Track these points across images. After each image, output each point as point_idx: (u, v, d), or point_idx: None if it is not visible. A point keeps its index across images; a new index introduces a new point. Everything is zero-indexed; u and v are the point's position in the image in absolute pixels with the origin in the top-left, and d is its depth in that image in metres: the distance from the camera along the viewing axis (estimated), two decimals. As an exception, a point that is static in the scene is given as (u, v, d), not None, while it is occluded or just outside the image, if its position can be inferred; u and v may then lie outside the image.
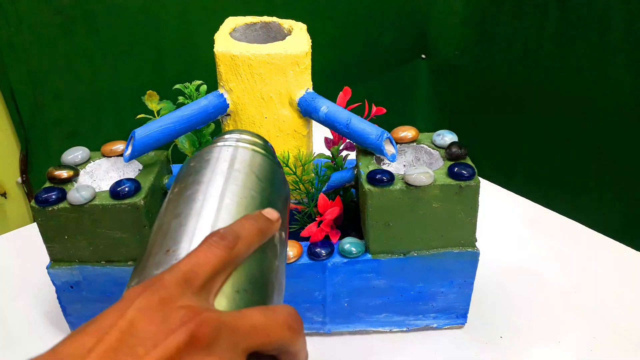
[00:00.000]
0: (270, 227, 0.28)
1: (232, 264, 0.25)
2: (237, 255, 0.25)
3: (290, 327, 0.24)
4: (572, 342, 0.53)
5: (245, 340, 0.22)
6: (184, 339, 0.20)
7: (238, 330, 0.22)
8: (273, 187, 0.32)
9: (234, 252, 0.24)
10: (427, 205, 0.47)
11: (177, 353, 0.19)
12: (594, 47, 1.09)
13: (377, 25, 1.34)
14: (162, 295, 0.22)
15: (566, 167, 1.23)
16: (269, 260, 0.28)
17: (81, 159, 0.52)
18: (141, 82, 1.00)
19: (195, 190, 0.29)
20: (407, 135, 0.52)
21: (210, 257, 0.24)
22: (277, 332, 0.23)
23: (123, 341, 0.19)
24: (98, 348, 0.19)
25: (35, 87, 0.90)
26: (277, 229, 0.29)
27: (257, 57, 0.48)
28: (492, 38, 1.29)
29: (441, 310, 0.53)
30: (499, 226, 0.70)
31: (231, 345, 0.21)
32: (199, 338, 0.20)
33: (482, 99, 1.37)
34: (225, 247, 0.24)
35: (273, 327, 0.23)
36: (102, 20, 0.93)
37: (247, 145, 0.33)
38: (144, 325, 0.20)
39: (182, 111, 0.48)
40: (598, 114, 1.13)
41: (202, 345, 0.20)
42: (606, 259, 0.64)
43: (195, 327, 0.20)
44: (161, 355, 0.19)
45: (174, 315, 0.21)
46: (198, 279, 0.23)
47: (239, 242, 0.25)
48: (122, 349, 0.19)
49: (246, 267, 0.26)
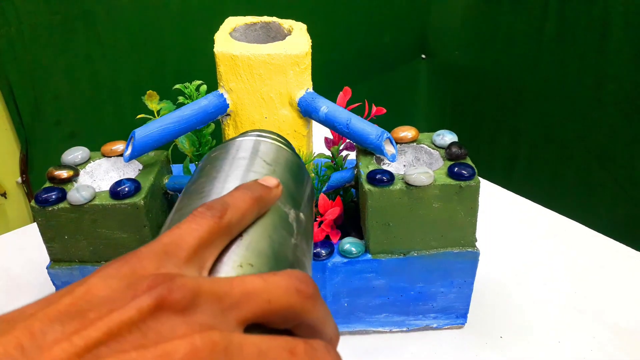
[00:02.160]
0: (268, 193, 0.25)
1: (225, 235, 0.22)
2: (228, 224, 0.22)
3: (298, 290, 0.20)
4: (572, 342, 0.53)
5: (237, 308, 0.19)
6: (149, 303, 0.17)
7: (226, 296, 0.19)
8: (300, 183, 0.30)
9: (224, 221, 0.22)
10: (427, 205, 0.47)
11: (139, 318, 0.17)
12: (593, 47, 1.09)
13: (377, 25, 1.34)
14: (133, 265, 0.19)
15: (566, 167, 1.23)
16: (280, 235, 0.25)
17: (81, 159, 0.52)
18: (141, 82, 1.00)
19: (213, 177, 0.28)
20: (407, 135, 0.52)
21: (195, 227, 0.21)
22: (281, 298, 0.20)
23: (74, 305, 0.17)
24: (44, 311, 0.17)
25: (35, 87, 0.90)
26: (277, 196, 0.26)
27: (257, 57, 0.48)
28: (492, 38, 1.29)
29: (441, 310, 0.53)
30: (499, 226, 0.70)
31: (217, 313, 0.18)
32: (170, 303, 0.17)
33: (482, 98, 1.38)
34: (212, 216, 0.22)
35: (274, 291, 0.20)
36: (102, 20, 0.93)
37: (269, 139, 0.32)
38: (102, 292, 0.18)
39: (182, 111, 0.48)
40: (598, 114, 1.13)
41: (174, 310, 0.17)
42: (606, 259, 0.64)
43: (165, 291, 0.18)
44: (119, 320, 0.17)
45: (141, 282, 0.18)
46: (181, 250, 0.20)
47: (229, 210, 0.22)
48: (70, 312, 0.17)
49: (250, 240, 0.23)
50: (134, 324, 0.17)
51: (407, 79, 1.50)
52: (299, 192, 0.30)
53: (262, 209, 0.25)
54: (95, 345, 0.16)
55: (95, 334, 0.16)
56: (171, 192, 0.51)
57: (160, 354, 0.16)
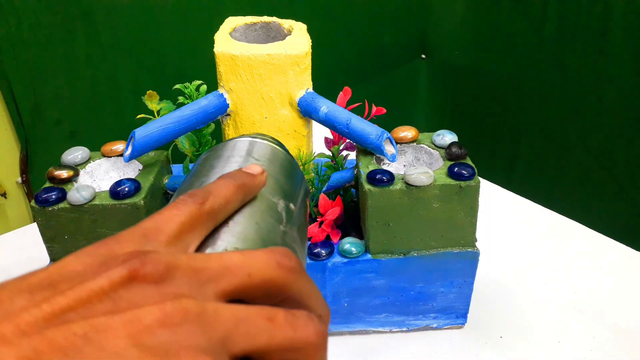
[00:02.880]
0: (252, 180, 0.25)
1: (208, 221, 0.22)
2: (210, 210, 0.22)
3: (280, 264, 0.20)
4: (572, 342, 0.53)
5: (215, 281, 0.19)
6: (122, 274, 0.17)
7: (203, 270, 0.19)
8: (292, 179, 0.30)
9: (205, 207, 0.22)
10: (427, 205, 0.47)
11: (111, 288, 0.17)
12: (593, 48, 1.09)
13: (377, 25, 1.34)
14: (111, 246, 0.19)
15: (566, 167, 1.23)
16: (267, 222, 0.25)
17: (81, 159, 0.52)
18: (141, 82, 1.00)
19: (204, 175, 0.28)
20: (407, 135, 0.52)
21: (176, 212, 0.21)
22: (261, 271, 0.19)
23: (45, 279, 0.17)
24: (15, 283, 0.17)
25: (35, 87, 0.90)
26: (262, 182, 0.26)
27: (257, 57, 0.48)
28: (492, 38, 1.29)
29: (441, 310, 0.53)
30: (499, 226, 0.70)
31: (194, 286, 0.18)
32: (143, 275, 0.17)
33: (482, 99, 1.37)
34: (193, 202, 0.21)
35: (254, 265, 0.19)
36: (102, 20, 0.93)
37: (264, 140, 0.32)
38: (76, 267, 0.18)
39: (182, 111, 0.48)
40: (598, 114, 1.13)
41: (147, 281, 0.17)
42: (606, 259, 0.64)
43: (138, 264, 0.17)
44: (89, 289, 0.16)
45: (115, 258, 0.18)
46: (161, 234, 0.20)
47: (210, 196, 0.22)
48: (41, 284, 0.17)
49: (235, 226, 0.23)
50: (104, 293, 0.17)
51: (407, 79, 1.50)
52: (290, 186, 0.30)
53: (247, 195, 0.25)
54: (63, 312, 0.16)
55: (65, 301, 0.16)
56: (171, 192, 0.51)
57: (130, 319, 0.16)
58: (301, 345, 0.19)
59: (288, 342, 0.18)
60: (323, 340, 0.19)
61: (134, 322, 0.16)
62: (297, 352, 0.19)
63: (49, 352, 0.15)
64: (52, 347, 0.15)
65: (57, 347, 0.15)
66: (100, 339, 0.15)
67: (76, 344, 0.15)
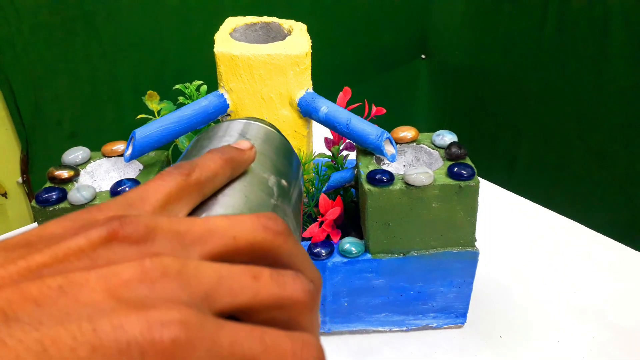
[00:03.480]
0: (240, 154, 0.25)
1: (195, 192, 0.22)
2: (197, 181, 0.21)
3: (266, 227, 0.19)
4: (572, 342, 0.53)
5: (199, 244, 0.18)
6: (101, 235, 0.17)
7: (187, 233, 0.18)
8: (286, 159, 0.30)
9: (192, 178, 0.21)
10: (426, 205, 0.47)
11: (89, 247, 0.16)
12: (594, 48, 1.09)
13: (377, 25, 1.34)
14: (92, 212, 0.18)
15: (566, 166, 1.23)
16: (256, 195, 0.25)
17: (81, 159, 0.52)
18: (141, 82, 1.00)
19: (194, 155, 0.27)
20: (407, 135, 0.52)
21: (161, 183, 0.20)
22: (247, 234, 0.19)
23: (23, 239, 0.17)
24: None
25: (35, 87, 0.91)
26: (250, 157, 0.25)
27: (257, 58, 0.48)
28: (492, 38, 1.29)
29: (441, 310, 0.53)
30: (499, 226, 0.70)
31: (176, 247, 0.18)
32: (122, 235, 0.17)
33: (482, 99, 1.38)
34: (179, 174, 0.21)
35: (239, 228, 0.19)
36: (102, 20, 0.93)
37: (258, 123, 0.31)
38: (55, 229, 0.17)
39: (183, 111, 0.48)
40: (598, 114, 1.13)
41: (127, 241, 0.17)
42: (606, 259, 0.64)
43: (117, 225, 0.17)
44: (66, 247, 0.16)
45: (95, 222, 0.17)
46: (146, 204, 0.20)
47: (197, 168, 0.22)
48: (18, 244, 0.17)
49: (224, 199, 0.23)
50: (82, 252, 0.16)
51: (407, 79, 1.50)
52: (284, 165, 0.29)
53: (236, 170, 0.24)
54: (39, 267, 0.16)
55: (40, 258, 0.16)
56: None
57: (106, 274, 0.16)
58: (288, 303, 0.18)
59: (274, 300, 0.18)
60: (311, 300, 0.19)
61: (111, 277, 0.16)
62: (284, 310, 0.18)
63: (21, 303, 0.14)
64: (25, 298, 0.14)
65: (31, 298, 0.14)
66: (75, 292, 0.15)
67: (50, 295, 0.15)
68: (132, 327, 0.14)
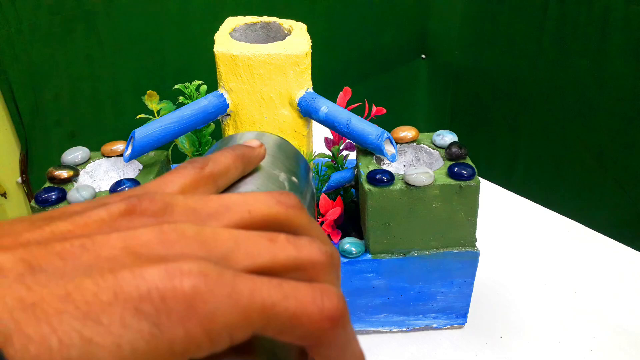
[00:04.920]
0: (250, 152, 0.25)
1: (208, 183, 0.22)
2: (210, 174, 0.22)
3: (279, 201, 0.20)
4: (572, 342, 0.53)
5: (215, 218, 0.19)
6: (119, 208, 0.18)
7: (202, 208, 0.19)
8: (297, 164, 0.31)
9: (205, 171, 0.22)
10: (427, 205, 0.47)
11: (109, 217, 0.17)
12: (594, 47, 1.09)
13: (377, 25, 1.34)
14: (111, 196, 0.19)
15: (566, 167, 1.23)
16: (268, 187, 0.26)
17: (81, 159, 0.52)
18: (141, 82, 1.00)
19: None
20: (407, 135, 0.52)
21: (176, 175, 0.21)
22: (261, 208, 0.19)
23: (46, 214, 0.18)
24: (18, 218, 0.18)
25: (35, 87, 0.90)
26: (261, 154, 0.26)
27: (257, 57, 0.48)
28: (492, 38, 1.29)
29: (441, 310, 0.53)
30: (499, 226, 0.70)
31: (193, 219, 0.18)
32: (141, 210, 0.18)
33: (482, 99, 1.38)
34: (193, 167, 0.22)
35: (253, 203, 0.19)
36: (102, 20, 0.93)
37: (271, 135, 0.32)
38: (76, 207, 0.18)
39: (182, 111, 0.48)
40: (598, 114, 1.13)
41: (145, 214, 0.18)
42: (606, 259, 0.64)
43: (136, 200, 0.18)
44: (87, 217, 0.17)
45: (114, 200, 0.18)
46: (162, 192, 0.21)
47: (210, 162, 0.23)
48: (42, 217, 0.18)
49: (236, 190, 0.24)
50: (103, 221, 0.17)
51: (407, 79, 1.50)
52: (293, 165, 0.30)
53: (247, 165, 0.25)
54: (62, 233, 0.16)
55: (64, 226, 0.17)
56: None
57: (125, 236, 0.16)
58: (306, 264, 0.18)
59: (292, 261, 0.18)
60: (330, 259, 0.19)
61: (131, 238, 0.16)
62: (304, 272, 0.18)
63: (46, 256, 0.15)
64: (49, 253, 0.15)
65: (55, 253, 0.15)
66: (97, 249, 0.16)
67: (73, 252, 0.15)
68: (152, 276, 0.15)
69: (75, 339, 0.13)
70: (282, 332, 0.17)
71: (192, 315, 0.15)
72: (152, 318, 0.15)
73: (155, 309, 0.15)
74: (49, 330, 0.13)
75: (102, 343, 0.14)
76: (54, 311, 0.14)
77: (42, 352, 0.13)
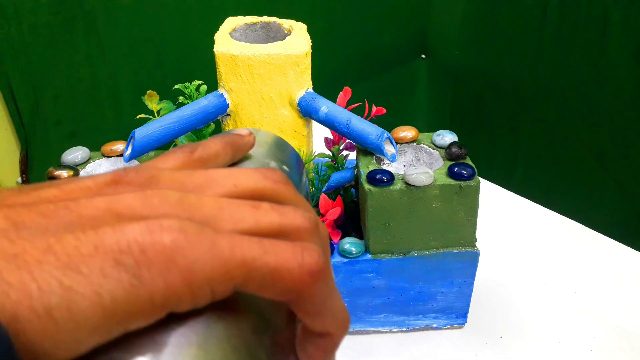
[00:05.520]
0: (240, 139, 0.26)
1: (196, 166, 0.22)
2: (199, 158, 0.23)
3: (266, 176, 0.20)
4: (572, 342, 0.53)
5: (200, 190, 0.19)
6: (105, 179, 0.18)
7: (188, 181, 0.19)
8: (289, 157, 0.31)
9: (195, 155, 0.22)
10: (427, 205, 0.47)
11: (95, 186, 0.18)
12: (594, 47, 1.09)
13: (377, 25, 1.34)
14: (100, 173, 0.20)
15: (566, 167, 1.23)
16: None
17: (81, 159, 0.52)
18: (141, 82, 1.00)
19: None
20: (407, 135, 0.52)
21: (166, 158, 0.22)
22: (247, 182, 0.20)
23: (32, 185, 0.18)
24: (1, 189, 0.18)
25: (35, 87, 0.90)
26: (250, 142, 0.26)
27: (257, 57, 0.48)
28: (492, 38, 1.29)
29: (441, 310, 0.53)
30: (499, 226, 0.70)
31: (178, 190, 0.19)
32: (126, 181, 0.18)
33: (482, 99, 1.38)
34: (182, 152, 0.22)
35: (240, 177, 0.20)
36: (102, 20, 0.93)
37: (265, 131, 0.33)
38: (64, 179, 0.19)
39: (182, 111, 0.48)
40: (598, 114, 1.13)
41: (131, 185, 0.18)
42: (606, 259, 0.64)
43: (122, 172, 0.19)
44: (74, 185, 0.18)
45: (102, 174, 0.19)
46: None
47: (199, 147, 0.23)
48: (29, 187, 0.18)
49: None
50: (89, 189, 0.18)
51: (407, 79, 1.50)
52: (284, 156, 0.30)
53: (236, 152, 0.25)
54: (48, 197, 0.17)
55: (50, 192, 0.17)
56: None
57: (109, 199, 0.17)
58: (290, 229, 0.19)
59: (275, 226, 0.18)
60: (314, 226, 0.19)
61: (114, 202, 0.17)
62: (287, 237, 0.19)
63: (30, 215, 0.16)
64: (33, 212, 0.16)
65: (38, 212, 0.16)
66: (80, 209, 0.16)
67: (57, 211, 0.16)
68: (132, 230, 0.15)
69: (55, 286, 0.14)
70: (263, 287, 0.17)
71: (172, 267, 0.15)
72: (132, 269, 0.15)
73: (135, 260, 0.15)
74: (29, 278, 0.14)
75: (81, 291, 0.14)
76: (35, 261, 0.14)
77: (22, 298, 0.13)
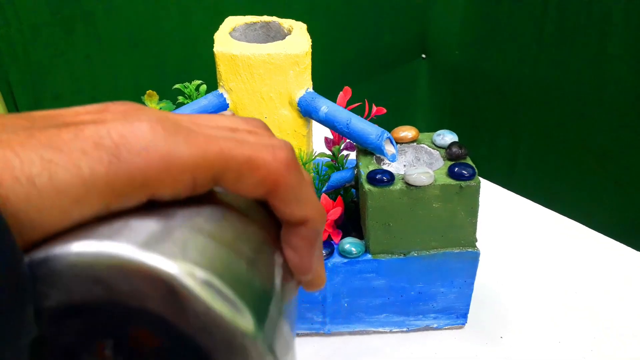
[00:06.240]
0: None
1: None
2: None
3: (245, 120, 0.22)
4: (572, 342, 0.53)
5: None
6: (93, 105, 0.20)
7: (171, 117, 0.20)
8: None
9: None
10: (427, 205, 0.47)
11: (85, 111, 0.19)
12: (594, 47, 1.09)
13: (377, 25, 1.34)
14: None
15: (566, 166, 1.23)
16: None
17: (81, 159, 0.52)
18: (141, 82, 1.00)
19: None
20: (407, 135, 0.52)
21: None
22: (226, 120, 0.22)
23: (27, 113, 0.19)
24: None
25: (35, 87, 0.90)
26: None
27: (257, 57, 0.48)
28: (492, 38, 1.29)
29: (441, 311, 0.53)
30: (499, 226, 0.70)
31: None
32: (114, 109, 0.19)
33: (482, 99, 1.38)
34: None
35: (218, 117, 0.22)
36: (102, 20, 0.93)
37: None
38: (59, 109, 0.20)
39: (182, 111, 0.48)
40: (598, 114, 1.13)
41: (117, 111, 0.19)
42: (606, 259, 0.64)
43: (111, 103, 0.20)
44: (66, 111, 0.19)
45: None
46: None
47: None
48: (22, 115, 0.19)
49: None
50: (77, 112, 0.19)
51: (407, 79, 1.50)
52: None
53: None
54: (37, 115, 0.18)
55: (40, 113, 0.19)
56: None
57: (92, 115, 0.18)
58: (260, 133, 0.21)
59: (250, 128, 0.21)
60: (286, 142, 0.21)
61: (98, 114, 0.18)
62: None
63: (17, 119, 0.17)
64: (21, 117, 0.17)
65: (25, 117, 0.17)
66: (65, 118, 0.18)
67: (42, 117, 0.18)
68: (112, 123, 0.17)
69: (36, 160, 0.15)
70: (240, 178, 0.18)
71: (151, 149, 0.17)
72: (112, 150, 0.16)
73: (115, 143, 0.17)
74: (12, 155, 0.15)
75: (62, 164, 0.16)
76: (18, 144, 0.16)
77: (5, 169, 0.15)
